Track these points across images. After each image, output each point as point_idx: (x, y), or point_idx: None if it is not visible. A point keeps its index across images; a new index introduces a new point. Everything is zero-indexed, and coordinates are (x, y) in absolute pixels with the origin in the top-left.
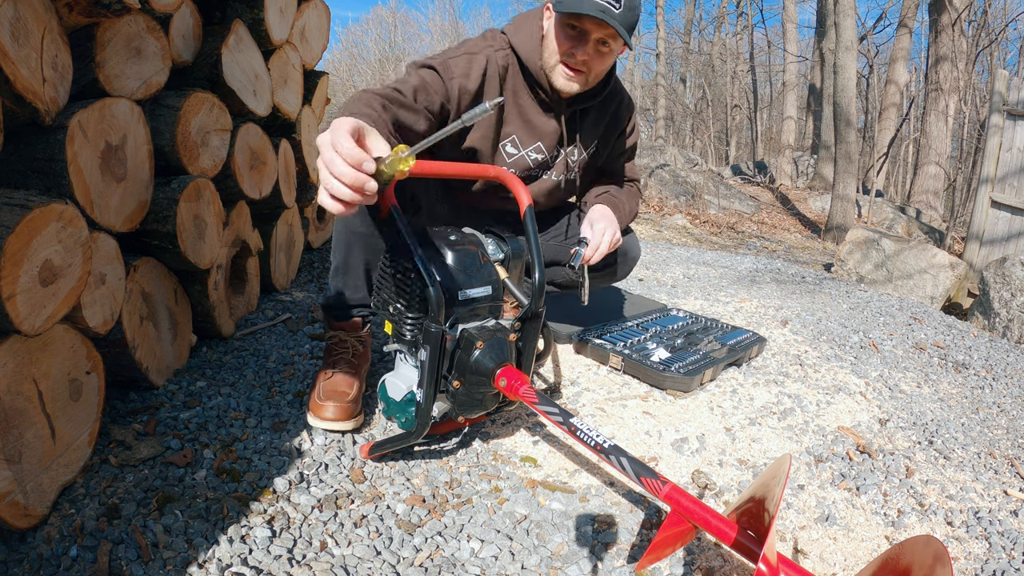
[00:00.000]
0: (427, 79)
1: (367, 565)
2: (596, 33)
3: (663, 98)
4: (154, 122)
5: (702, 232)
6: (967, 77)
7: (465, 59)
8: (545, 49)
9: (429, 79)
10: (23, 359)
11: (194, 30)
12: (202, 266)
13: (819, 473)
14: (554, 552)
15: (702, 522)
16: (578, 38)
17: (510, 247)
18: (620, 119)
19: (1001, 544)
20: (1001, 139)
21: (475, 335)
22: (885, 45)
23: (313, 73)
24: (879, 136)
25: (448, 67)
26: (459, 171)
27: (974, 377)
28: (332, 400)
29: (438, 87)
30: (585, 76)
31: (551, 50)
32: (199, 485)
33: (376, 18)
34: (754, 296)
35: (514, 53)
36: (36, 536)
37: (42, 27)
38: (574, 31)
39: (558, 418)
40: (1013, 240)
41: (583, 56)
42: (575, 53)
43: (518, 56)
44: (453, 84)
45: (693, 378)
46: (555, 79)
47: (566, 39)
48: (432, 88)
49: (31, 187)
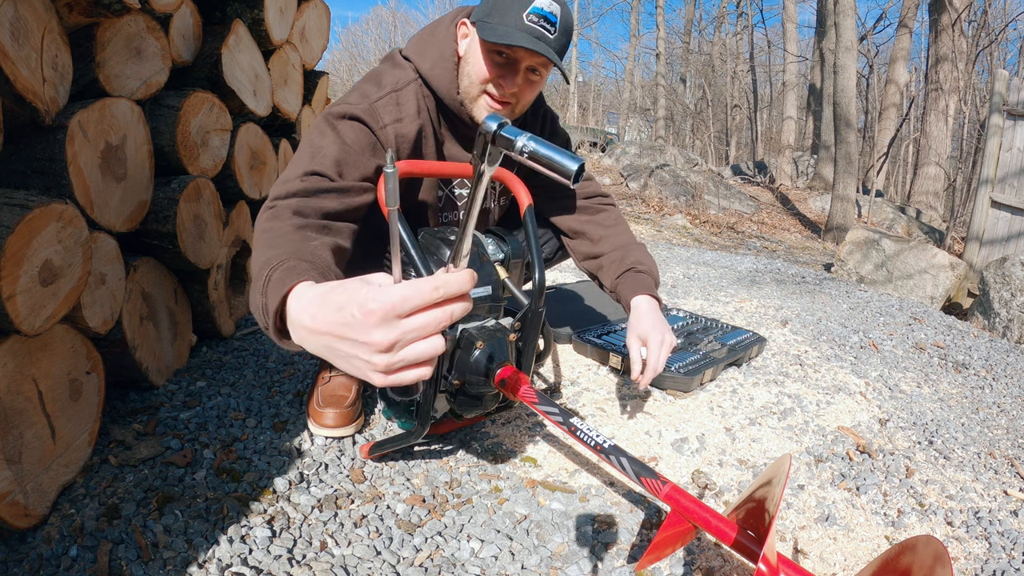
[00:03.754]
0: (350, 139)
1: (367, 565)
2: (527, 61)
3: (663, 98)
4: (154, 122)
5: (702, 232)
6: (967, 77)
7: (392, 98)
8: (463, 76)
9: (352, 138)
10: (23, 359)
11: (194, 30)
12: (202, 266)
13: (819, 473)
14: (554, 552)
15: (702, 522)
16: (506, 66)
17: (510, 247)
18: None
19: (1001, 544)
20: (1001, 139)
21: (475, 335)
22: (885, 45)
23: (313, 73)
24: (879, 136)
25: (376, 113)
26: (457, 171)
27: (974, 377)
28: (331, 406)
29: (366, 144)
30: (512, 107)
31: (471, 79)
32: (199, 485)
33: (376, 18)
34: (754, 296)
35: (424, 84)
36: (36, 536)
37: (42, 27)
38: (501, 58)
39: (558, 418)
40: (1013, 240)
41: (511, 88)
42: (503, 84)
43: (430, 88)
44: (387, 132)
45: (693, 378)
46: (476, 112)
47: (493, 66)
48: (358, 150)
49: (31, 187)
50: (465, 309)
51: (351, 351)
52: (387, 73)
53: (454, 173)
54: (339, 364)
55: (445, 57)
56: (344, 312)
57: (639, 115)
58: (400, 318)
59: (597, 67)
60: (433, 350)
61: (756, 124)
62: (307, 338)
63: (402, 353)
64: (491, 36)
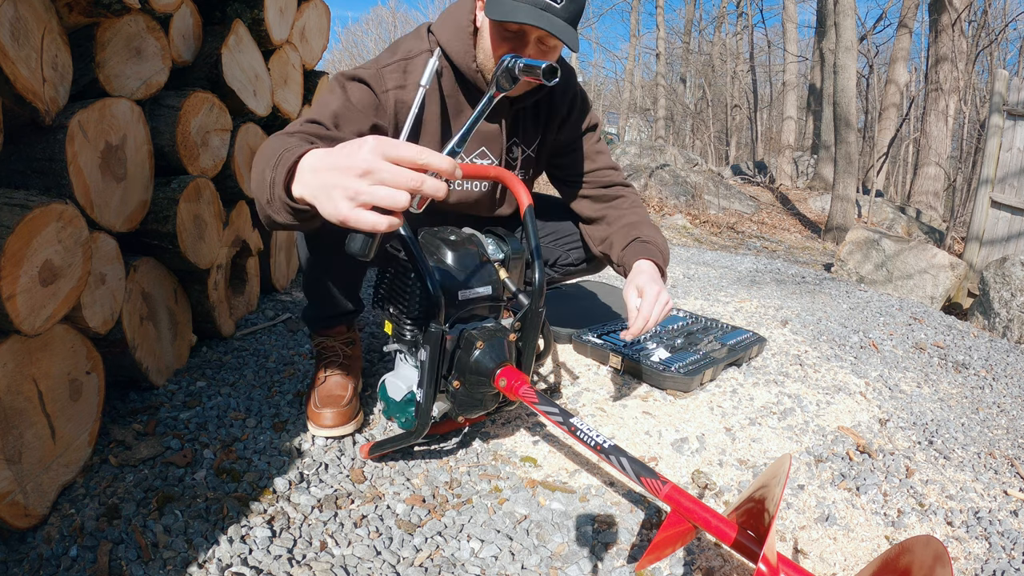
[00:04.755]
0: (354, 98)
1: (367, 565)
2: (536, 32)
3: (663, 98)
4: (154, 122)
5: (702, 232)
6: (967, 77)
7: (400, 66)
8: (480, 50)
9: (357, 97)
10: (23, 359)
11: (194, 30)
12: (202, 266)
13: (819, 473)
14: (554, 552)
15: (702, 522)
16: (516, 39)
17: (510, 247)
18: (555, 106)
19: (1001, 544)
20: (1001, 139)
21: (475, 335)
22: (885, 45)
23: (313, 73)
24: (879, 136)
25: (382, 78)
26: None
27: (974, 377)
28: (329, 406)
29: (368, 104)
30: None
31: (485, 52)
32: (199, 485)
33: (376, 18)
34: (754, 296)
35: (444, 55)
36: (36, 536)
37: (42, 27)
38: (510, 32)
39: (558, 418)
40: (1013, 240)
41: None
42: None
43: (448, 58)
44: (388, 97)
45: (693, 378)
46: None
47: (503, 41)
48: (359, 107)
49: (31, 187)
50: (436, 188)
51: (335, 179)
52: (405, 43)
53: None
54: (322, 200)
55: (461, 28)
56: (347, 147)
57: (639, 115)
58: (385, 158)
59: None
60: (393, 201)
61: (756, 124)
62: (308, 180)
63: (371, 188)
64: (495, 13)
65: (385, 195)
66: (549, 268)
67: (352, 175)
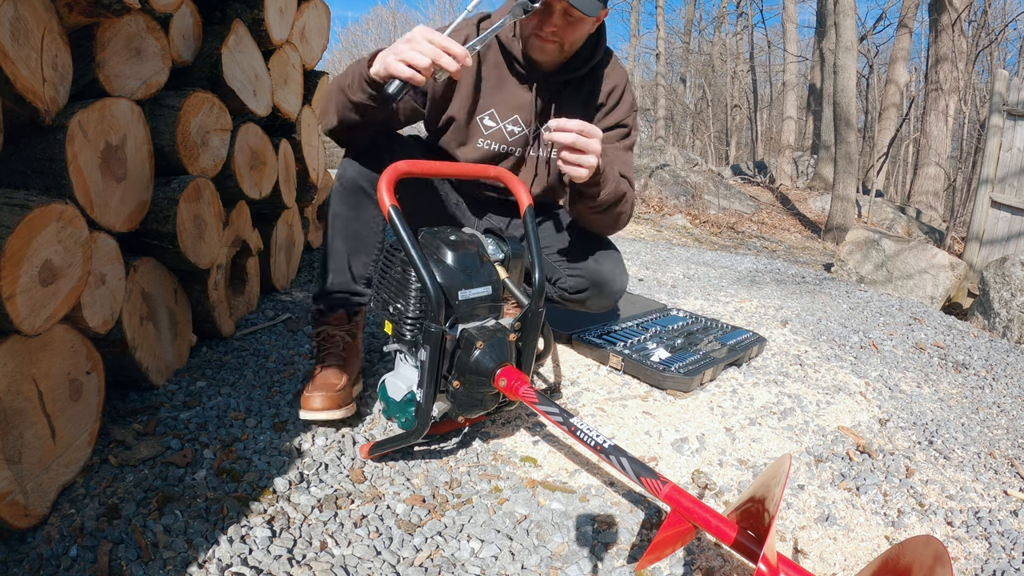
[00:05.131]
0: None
1: (367, 565)
2: (559, 3)
3: (663, 98)
4: (154, 122)
5: (702, 232)
6: (967, 77)
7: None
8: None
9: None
10: (23, 359)
11: (194, 30)
12: (202, 266)
13: (819, 473)
14: (554, 552)
15: (702, 522)
16: (542, 11)
17: (510, 247)
18: (597, 93)
19: (1001, 544)
20: (1001, 139)
21: (475, 335)
22: (885, 45)
23: (313, 73)
24: (879, 136)
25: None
26: (459, 171)
27: (974, 377)
28: (320, 391)
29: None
30: (559, 45)
31: (520, 24)
32: (199, 485)
33: (376, 18)
34: (754, 296)
35: None
36: (36, 536)
37: (42, 27)
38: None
39: (558, 418)
40: (1013, 240)
41: (551, 28)
42: (543, 26)
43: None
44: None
45: (693, 378)
46: (530, 51)
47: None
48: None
49: (31, 187)
50: (448, 63)
51: (393, 47)
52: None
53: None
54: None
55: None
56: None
57: (639, 115)
58: (423, 36)
59: None
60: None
61: (756, 124)
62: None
63: (407, 49)
64: None
65: (414, 56)
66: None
67: (401, 42)
